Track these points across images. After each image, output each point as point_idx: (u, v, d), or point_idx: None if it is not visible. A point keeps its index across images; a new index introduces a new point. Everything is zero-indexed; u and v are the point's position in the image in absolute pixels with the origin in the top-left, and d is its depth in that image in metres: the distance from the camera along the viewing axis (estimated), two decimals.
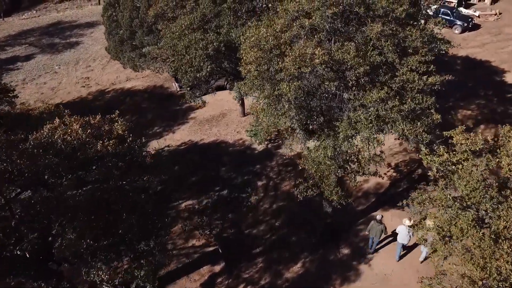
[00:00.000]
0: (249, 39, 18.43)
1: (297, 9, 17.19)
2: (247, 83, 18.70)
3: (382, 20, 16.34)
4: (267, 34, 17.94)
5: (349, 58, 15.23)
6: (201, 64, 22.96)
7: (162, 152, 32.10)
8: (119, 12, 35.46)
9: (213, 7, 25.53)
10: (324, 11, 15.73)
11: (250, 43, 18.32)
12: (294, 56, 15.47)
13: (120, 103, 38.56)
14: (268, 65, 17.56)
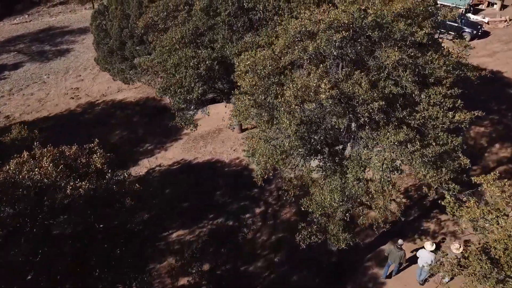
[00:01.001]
0: (244, 62, 15.87)
1: (299, 30, 14.58)
2: (242, 113, 16.12)
3: (399, 44, 13.77)
4: (264, 57, 15.38)
5: (361, 92, 12.64)
6: (191, 85, 20.37)
7: (153, 173, 29.55)
8: (108, 21, 32.86)
9: (206, 20, 22.95)
10: (331, 35, 13.15)
11: (245, 67, 15.75)
12: (295, 88, 12.89)
13: (110, 116, 36.01)
14: (265, 94, 15.00)
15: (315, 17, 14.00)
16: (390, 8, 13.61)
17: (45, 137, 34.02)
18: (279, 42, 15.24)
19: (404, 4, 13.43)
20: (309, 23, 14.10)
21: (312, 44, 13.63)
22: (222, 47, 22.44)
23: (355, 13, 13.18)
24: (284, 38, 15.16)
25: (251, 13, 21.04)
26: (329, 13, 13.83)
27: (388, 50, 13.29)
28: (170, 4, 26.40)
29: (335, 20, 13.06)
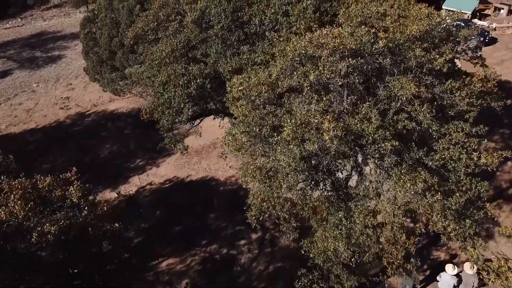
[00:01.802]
0: (236, 87, 13.92)
1: (298, 53, 12.62)
2: (234, 142, 14.18)
3: (414, 70, 11.81)
4: (259, 82, 13.43)
5: (371, 130, 10.69)
6: (181, 106, 18.42)
7: (144, 192, 27.61)
8: (98, 29, 30.86)
9: (198, 32, 20.95)
10: (336, 62, 11.19)
11: (238, 93, 13.81)
12: (294, 125, 10.94)
13: (101, 128, 34.05)
14: (260, 125, 13.05)
15: (317, 39, 12.03)
16: (403, 30, 11.65)
17: (32, 151, 32.28)
18: (276, 66, 13.27)
19: (420, 26, 11.45)
20: (310, 46, 12.13)
21: (314, 71, 11.67)
22: (216, 62, 20.46)
23: (363, 37, 11.21)
24: (282, 62, 13.21)
25: (246, 27, 19.05)
26: (332, 34, 11.89)
27: (402, 79, 11.33)
28: (160, 14, 24.46)
29: (340, 45, 11.09)
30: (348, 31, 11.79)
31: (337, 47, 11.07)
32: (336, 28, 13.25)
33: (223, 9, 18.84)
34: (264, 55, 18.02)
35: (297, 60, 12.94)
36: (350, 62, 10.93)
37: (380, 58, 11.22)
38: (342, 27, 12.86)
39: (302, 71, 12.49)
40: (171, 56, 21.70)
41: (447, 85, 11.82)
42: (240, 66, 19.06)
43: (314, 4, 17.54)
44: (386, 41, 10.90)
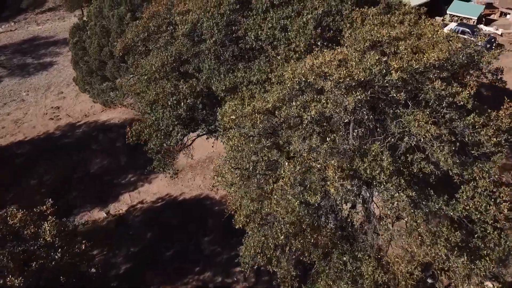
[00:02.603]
0: (228, 116, 12.22)
1: (298, 80, 10.92)
2: (224, 176, 12.49)
3: (431, 103, 10.11)
4: (254, 111, 11.75)
5: (383, 179, 9.00)
6: (169, 129, 16.74)
7: (134, 211, 25.94)
8: (87, 38, 29.15)
9: (190, 45, 19.24)
10: (342, 96, 9.48)
11: (230, 123, 12.11)
12: (292, 171, 9.25)
13: (92, 140, 32.33)
14: (254, 163, 11.37)
15: (319, 67, 10.33)
16: (419, 58, 9.95)
17: (19, 165, 30.60)
18: (272, 94, 11.58)
19: (440, 54, 9.74)
20: (310, 75, 10.42)
21: (316, 104, 9.98)
22: (209, 78, 18.78)
23: (373, 67, 9.51)
24: (279, 89, 11.51)
25: (241, 42, 17.34)
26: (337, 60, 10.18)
27: (417, 114, 9.64)
28: (150, 24, 22.74)
29: (346, 77, 9.39)
30: (355, 57, 10.08)
31: (343, 79, 9.38)
32: (340, 49, 11.58)
33: (216, 22, 17.13)
34: (261, 73, 16.34)
35: (296, 88, 11.24)
36: (358, 97, 9.24)
37: (393, 91, 9.53)
38: (347, 49, 11.18)
39: (302, 101, 10.80)
40: (161, 71, 20.03)
41: (469, 120, 10.12)
42: (235, 84, 17.37)
43: (315, 19, 15.83)
44: (401, 72, 9.20)
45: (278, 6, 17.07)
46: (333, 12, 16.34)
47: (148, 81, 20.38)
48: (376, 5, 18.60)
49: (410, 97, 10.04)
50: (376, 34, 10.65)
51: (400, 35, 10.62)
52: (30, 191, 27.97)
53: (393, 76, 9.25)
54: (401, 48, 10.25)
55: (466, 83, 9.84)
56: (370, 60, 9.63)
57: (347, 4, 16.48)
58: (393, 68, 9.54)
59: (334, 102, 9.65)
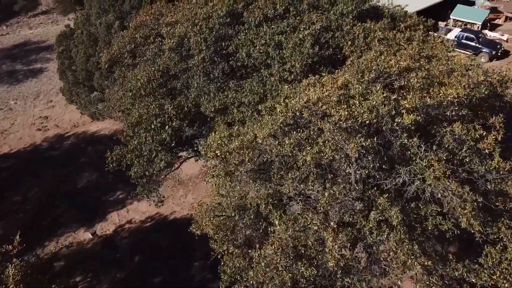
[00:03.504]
0: (213, 149, 10.62)
1: (292, 115, 9.30)
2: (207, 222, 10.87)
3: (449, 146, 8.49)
4: (242, 146, 10.14)
5: (392, 245, 7.40)
6: (152, 154, 15.14)
7: (122, 232, 24.36)
8: (74, 47, 27.51)
9: (178, 60, 17.62)
10: (343, 142, 7.87)
11: (213, 154, 10.51)
12: (282, 237, 7.66)
13: (80, 153, 30.71)
14: (241, 210, 9.75)
15: (316, 102, 8.70)
16: (436, 93, 8.32)
17: (4, 179, 29.03)
18: (262, 129, 9.96)
19: (459, 89, 8.12)
20: (306, 111, 8.80)
21: (312, 147, 8.36)
22: (198, 96, 17.17)
23: (380, 107, 7.89)
24: (270, 124, 9.88)
25: (232, 59, 15.70)
26: (337, 96, 8.56)
27: (433, 161, 8.02)
28: (137, 36, 21.12)
29: (349, 119, 7.77)
30: (359, 92, 8.45)
31: (344, 120, 7.77)
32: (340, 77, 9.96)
33: (204, 38, 15.50)
34: (253, 95, 14.72)
35: (290, 123, 9.63)
36: (363, 143, 7.64)
37: (404, 135, 7.93)
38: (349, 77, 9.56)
39: (296, 139, 9.19)
40: (147, 87, 18.42)
41: (493, 165, 8.49)
42: (225, 105, 15.77)
43: (313, 35, 14.19)
44: (413, 115, 7.59)
45: (273, 20, 15.45)
46: (332, 27, 14.72)
47: (133, 98, 18.79)
48: (379, 18, 17.01)
49: (423, 138, 8.42)
50: (383, 63, 9.04)
51: (411, 63, 9.01)
52: (14, 209, 26.41)
53: (405, 120, 7.65)
54: (412, 81, 8.63)
55: (491, 124, 8.23)
56: (376, 98, 8.01)
57: (348, 19, 14.86)
58: (404, 107, 7.92)
59: (333, 146, 8.04)
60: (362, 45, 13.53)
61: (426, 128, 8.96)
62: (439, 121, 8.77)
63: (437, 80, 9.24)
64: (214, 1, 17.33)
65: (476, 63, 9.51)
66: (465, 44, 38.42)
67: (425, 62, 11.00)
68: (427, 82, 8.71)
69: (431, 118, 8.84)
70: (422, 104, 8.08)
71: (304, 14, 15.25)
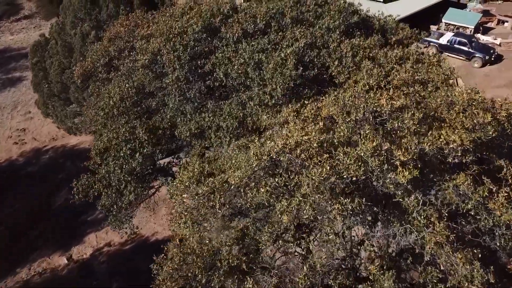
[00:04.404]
0: (178, 193, 9.21)
1: (267, 158, 7.88)
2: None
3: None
4: (213, 191, 8.71)
5: None
6: (121, 186, 13.66)
7: (100, 256, 22.84)
8: (48, 58, 25.87)
9: (153, 78, 16.11)
10: (325, 202, 6.46)
11: (180, 202, 9.09)
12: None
13: (58, 169, 29.10)
14: (210, 269, 8.32)
15: (295, 143, 7.29)
16: (436, 138, 6.94)
17: None
18: (234, 175, 8.53)
19: (462, 135, 6.74)
20: (284, 155, 7.39)
21: (289, 203, 6.95)
22: (173, 117, 15.71)
23: (370, 160, 6.49)
24: (244, 168, 8.46)
25: (209, 79, 14.23)
26: (317, 136, 7.15)
27: (433, 218, 6.65)
28: (111, 49, 19.57)
29: (332, 176, 6.37)
30: (344, 137, 7.05)
31: (326, 177, 6.37)
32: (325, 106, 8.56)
33: (178, 56, 14.00)
34: (232, 118, 13.28)
35: (265, 166, 8.21)
36: (349, 206, 6.25)
37: (398, 193, 6.55)
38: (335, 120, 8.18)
39: (273, 187, 7.77)
40: (121, 106, 16.90)
41: (503, 219, 7.12)
42: (202, 129, 14.32)
43: (296, 52, 12.77)
44: (409, 171, 6.21)
45: (253, 36, 14.01)
46: (318, 44, 13.31)
47: (105, 117, 17.27)
48: (370, 30, 15.66)
49: (420, 184, 7.05)
50: (372, 102, 7.65)
51: (406, 101, 7.64)
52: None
53: (400, 179, 6.28)
54: (407, 122, 7.25)
55: (502, 176, 6.87)
56: (365, 148, 6.61)
57: (335, 34, 13.45)
58: (398, 159, 6.54)
59: (314, 206, 6.64)
60: (350, 65, 12.18)
61: (422, 171, 7.58)
62: (437, 165, 7.41)
63: (435, 114, 7.89)
64: (191, 14, 15.87)
65: (481, 97, 8.18)
66: (457, 49, 37.33)
67: (420, 88, 9.66)
68: (425, 122, 7.35)
69: (429, 158, 7.49)
70: (419, 152, 6.72)
71: (287, 29, 13.84)
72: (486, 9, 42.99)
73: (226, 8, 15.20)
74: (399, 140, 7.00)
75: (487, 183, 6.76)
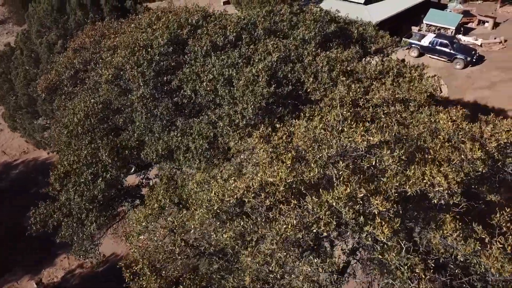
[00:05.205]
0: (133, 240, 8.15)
1: (230, 199, 6.87)
2: None
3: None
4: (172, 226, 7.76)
5: None
6: (82, 216, 12.49)
7: (72, 279, 21.54)
8: (14, 69, 24.42)
9: (117, 93, 14.95)
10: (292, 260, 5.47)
11: (134, 252, 8.02)
12: None
13: (30, 184, 27.61)
14: None
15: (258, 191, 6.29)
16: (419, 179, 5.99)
17: None
18: (193, 219, 7.50)
19: (449, 175, 5.81)
20: (250, 196, 6.39)
21: (252, 265, 5.94)
22: (141, 135, 14.58)
23: (344, 211, 5.52)
24: (205, 208, 7.43)
25: (177, 95, 13.14)
26: (284, 175, 6.16)
27: (421, 277, 5.72)
28: (75, 61, 18.31)
29: (301, 230, 5.39)
30: (313, 175, 6.07)
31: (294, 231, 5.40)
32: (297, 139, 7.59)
33: (142, 72, 12.88)
34: (202, 139, 12.23)
35: (228, 208, 7.19)
36: (318, 265, 5.28)
37: (377, 247, 5.61)
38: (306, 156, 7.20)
39: (238, 232, 6.76)
40: (85, 123, 15.69)
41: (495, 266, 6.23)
42: (170, 149, 13.23)
43: (269, 67, 11.78)
44: (388, 228, 5.27)
45: (223, 49, 12.96)
46: (292, 57, 12.34)
47: (69, 136, 16.03)
48: (348, 39, 14.77)
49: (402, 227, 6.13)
50: (346, 139, 6.67)
51: (384, 137, 6.69)
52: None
53: (379, 235, 5.35)
54: (386, 160, 6.31)
55: (496, 224, 5.96)
56: (338, 194, 5.65)
57: (311, 46, 12.49)
58: (376, 207, 5.60)
59: (280, 263, 5.67)
60: (326, 81, 11.25)
61: (404, 209, 6.66)
62: (421, 203, 6.51)
63: (418, 143, 6.99)
64: (158, 24, 14.74)
65: (468, 125, 7.29)
66: (439, 51, 36.95)
67: (401, 108, 8.76)
68: (406, 156, 6.43)
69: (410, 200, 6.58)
70: (400, 196, 5.80)
71: (259, 42, 12.84)
72: (466, 9, 42.71)
73: (194, 19, 14.13)
74: (377, 181, 6.08)
75: (478, 231, 5.87)
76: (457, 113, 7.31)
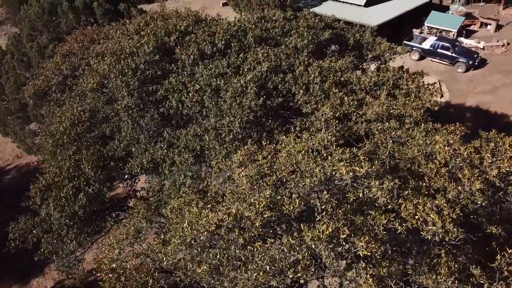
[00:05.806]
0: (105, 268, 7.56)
1: (204, 231, 6.23)
2: None
3: None
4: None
5: None
6: (62, 232, 11.90)
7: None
8: (4, 73, 23.87)
9: (104, 102, 14.36)
10: None
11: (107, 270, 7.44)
12: None
13: (22, 190, 27.04)
14: None
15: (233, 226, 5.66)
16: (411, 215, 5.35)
17: None
18: (168, 251, 6.87)
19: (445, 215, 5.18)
20: (222, 232, 5.76)
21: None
22: (128, 145, 13.98)
23: (325, 256, 4.88)
24: (179, 237, 6.80)
25: (162, 106, 12.53)
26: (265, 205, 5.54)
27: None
28: (63, 67, 17.73)
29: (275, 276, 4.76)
30: (294, 208, 5.43)
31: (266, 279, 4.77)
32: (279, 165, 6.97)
33: (126, 81, 12.27)
34: (188, 152, 11.62)
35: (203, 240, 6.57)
36: None
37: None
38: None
39: (213, 264, 6.14)
40: (72, 132, 15.11)
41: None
42: (156, 163, 12.63)
43: (258, 77, 11.15)
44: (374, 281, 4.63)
45: (211, 57, 12.34)
46: (283, 66, 11.71)
47: (55, 145, 15.46)
48: (343, 46, 14.12)
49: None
50: (330, 169, 6.01)
51: (373, 168, 6.04)
52: None
53: (362, 286, 4.72)
54: (375, 191, 5.68)
55: (496, 267, 5.31)
56: (318, 234, 5.02)
57: (303, 55, 11.85)
58: (361, 248, 4.96)
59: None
60: (318, 93, 10.61)
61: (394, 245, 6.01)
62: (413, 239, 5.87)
63: (411, 168, 6.35)
64: (146, 30, 14.12)
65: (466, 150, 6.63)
66: (440, 54, 36.23)
67: (395, 124, 8.12)
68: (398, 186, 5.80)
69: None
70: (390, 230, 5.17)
71: (249, 50, 12.21)
72: (468, 11, 41.92)
73: (184, 24, 13.50)
74: (365, 211, 5.46)
75: (477, 275, 5.23)
76: (455, 137, 6.65)
